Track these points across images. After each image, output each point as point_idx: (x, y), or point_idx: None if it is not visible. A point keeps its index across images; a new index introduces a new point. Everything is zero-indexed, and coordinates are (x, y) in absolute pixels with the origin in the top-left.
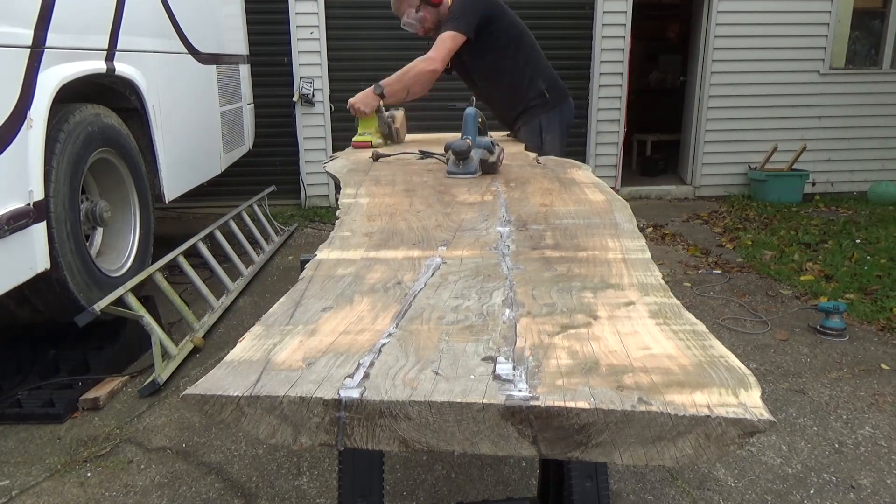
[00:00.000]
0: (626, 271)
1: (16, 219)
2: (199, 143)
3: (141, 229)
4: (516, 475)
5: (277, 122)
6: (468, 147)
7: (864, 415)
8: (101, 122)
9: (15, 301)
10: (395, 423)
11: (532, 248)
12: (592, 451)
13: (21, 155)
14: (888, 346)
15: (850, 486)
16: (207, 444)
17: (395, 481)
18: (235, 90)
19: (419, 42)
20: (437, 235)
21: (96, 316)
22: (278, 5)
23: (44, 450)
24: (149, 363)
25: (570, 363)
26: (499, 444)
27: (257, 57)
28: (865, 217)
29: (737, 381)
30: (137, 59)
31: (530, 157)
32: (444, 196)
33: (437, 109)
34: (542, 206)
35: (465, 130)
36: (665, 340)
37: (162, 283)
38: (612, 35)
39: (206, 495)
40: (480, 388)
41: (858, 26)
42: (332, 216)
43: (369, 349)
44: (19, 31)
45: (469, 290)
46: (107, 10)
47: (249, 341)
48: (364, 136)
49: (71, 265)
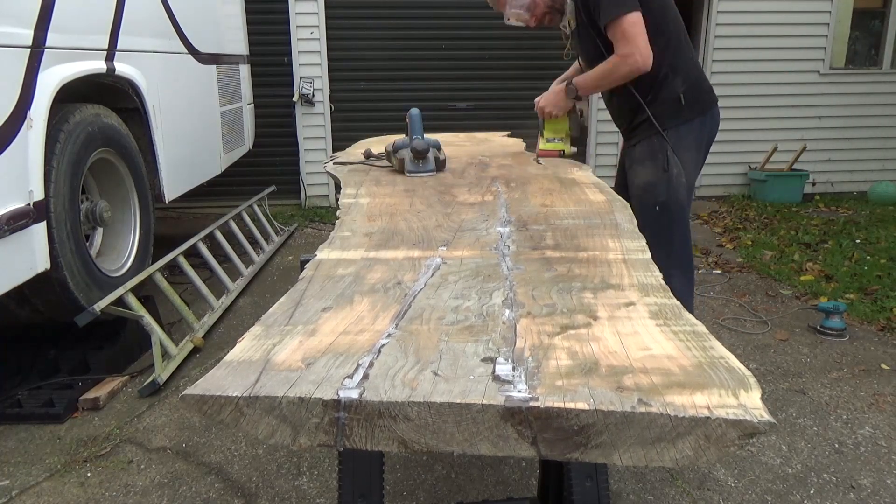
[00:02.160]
0: (626, 272)
1: (16, 219)
2: (199, 143)
3: (141, 229)
4: (516, 475)
5: (277, 122)
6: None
7: (864, 415)
8: (101, 122)
9: (15, 301)
10: (395, 423)
11: (532, 249)
12: (592, 452)
13: (21, 155)
14: (888, 346)
15: (850, 486)
16: (207, 444)
17: (395, 481)
18: (235, 90)
19: (420, 42)
20: (438, 236)
21: (96, 316)
22: (278, 5)
23: (44, 450)
24: (149, 363)
25: (569, 364)
26: (498, 445)
27: (257, 57)
28: (865, 217)
29: (737, 383)
30: (137, 59)
31: (531, 157)
32: (444, 196)
33: (437, 109)
34: (542, 207)
35: (413, 130)
36: (665, 341)
37: (162, 283)
38: None
39: (206, 495)
40: (480, 388)
41: (858, 26)
42: (332, 216)
43: (369, 349)
44: (19, 31)
45: (469, 291)
46: (107, 10)
47: (249, 341)
48: (553, 142)
49: (71, 265)
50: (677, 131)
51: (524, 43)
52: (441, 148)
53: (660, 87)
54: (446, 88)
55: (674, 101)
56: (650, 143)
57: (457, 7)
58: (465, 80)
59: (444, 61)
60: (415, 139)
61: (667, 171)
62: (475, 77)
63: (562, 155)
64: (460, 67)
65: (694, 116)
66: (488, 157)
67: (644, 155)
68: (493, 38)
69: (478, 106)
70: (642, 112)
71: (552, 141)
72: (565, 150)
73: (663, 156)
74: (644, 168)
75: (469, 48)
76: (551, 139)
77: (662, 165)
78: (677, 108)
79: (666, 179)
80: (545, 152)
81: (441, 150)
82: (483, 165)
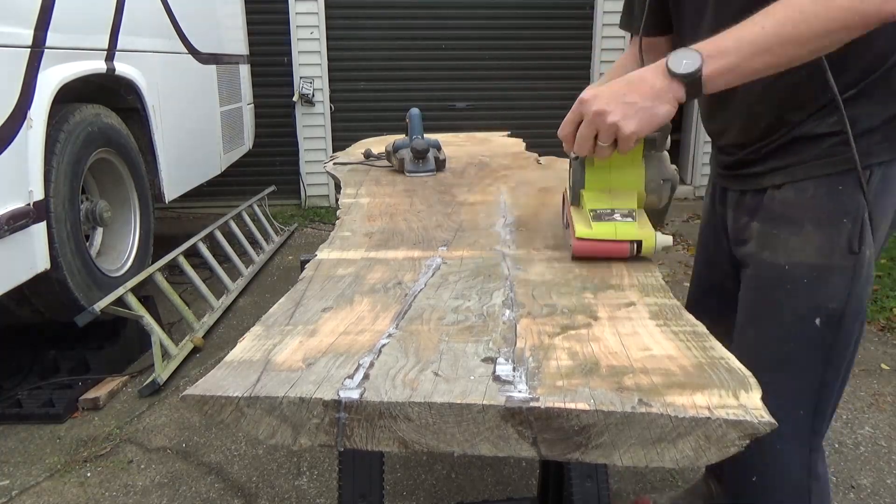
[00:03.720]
0: (626, 272)
1: (16, 219)
2: (199, 143)
3: (141, 229)
4: (516, 475)
5: (277, 122)
6: (427, 146)
7: (864, 415)
8: (101, 122)
9: (15, 301)
10: (395, 424)
11: (532, 249)
12: (592, 453)
13: (21, 155)
14: (888, 346)
15: (850, 486)
16: (207, 444)
17: (395, 481)
18: (235, 90)
19: (420, 42)
20: (438, 235)
21: (96, 316)
22: (278, 5)
23: (44, 450)
24: (149, 363)
25: (570, 364)
26: (499, 446)
27: (257, 57)
28: None
29: (737, 383)
30: (137, 59)
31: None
32: (444, 196)
33: (437, 109)
34: (542, 206)
35: (412, 130)
36: (665, 341)
37: (162, 283)
38: (612, 35)
39: (206, 495)
40: (480, 389)
41: None
42: (332, 216)
43: (369, 350)
44: (19, 31)
45: (469, 291)
46: (107, 10)
47: (249, 341)
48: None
49: (71, 265)
50: (887, 170)
51: (524, 43)
52: (441, 148)
53: (883, 77)
54: (446, 88)
55: (879, 118)
56: (827, 188)
57: (457, 7)
58: (465, 80)
59: (444, 61)
60: (415, 139)
61: (857, 252)
62: (475, 77)
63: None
64: (460, 67)
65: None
66: (488, 157)
67: (807, 210)
68: (493, 38)
69: (478, 106)
70: (824, 116)
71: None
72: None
73: (854, 220)
74: (804, 237)
75: (469, 48)
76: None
77: (849, 239)
78: (885, 131)
79: (852, 268)
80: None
81: (441, 150)
82: (483, 165)
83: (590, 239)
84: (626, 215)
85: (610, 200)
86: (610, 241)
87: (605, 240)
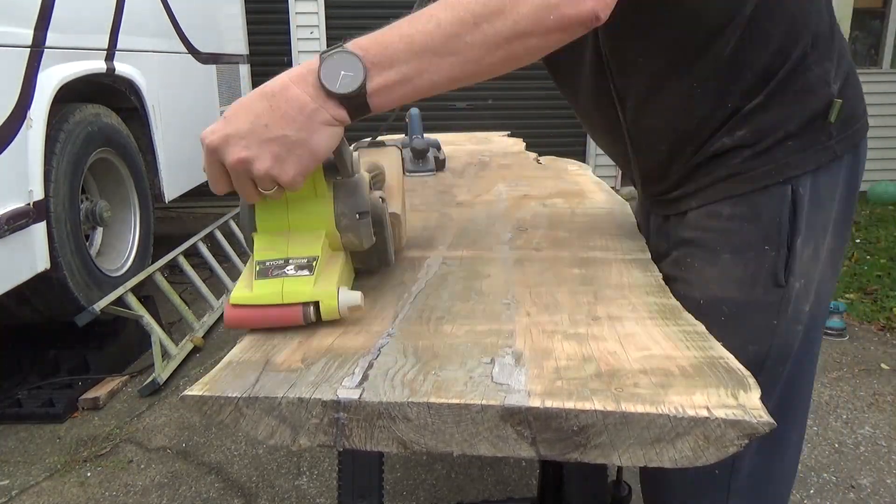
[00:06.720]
0: (626, 271)
1: (16, 219)
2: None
3: (141, 229)
4: (516, 475)
5: None
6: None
7: (864, 415)
8: (101, 122)
9: (15, 301)
10: (394, 424)
11: (532, 249)
12: (591, 453)
13: (21, 155)
14: (888, 346)
15: (850, 486)
16: (207, 444)
17: (395, 481)
18: (235, 90)
19: None
20: (438, 235)
21: (96, 316)
22: (278, 5)
23: (44, 450)
24: (149, 363)
25: (568, 364)
26: (497, 446)
27: (257, 57)
28: (865, 217)
29: (736, 383)
30: (137, 59)
31: (530, 157)
32: (444, 196)
33: (437, 109)
34: (542, 207)
35: (412, 130)
36: (664, 341)
37: (162, 283)
38: None
39: (206, 495)
40: (479, 389)
41: (858, 26)
42: None
43: (368, 350)
44: (19, 30)
45: (469, 291)
46: (107, 10)
47: (249, 341)
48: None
49: (71, 265)
50: (814, 182)
51: None
52: (441, 148)
53: (790, 76)
54: None
55: (815, 113)
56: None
57: None
58: None
59: None
60: (414, 139)
61: (783, 284)
62: None
63: (312, 319)
64: None
65: (842, 151)
66: (488, 156)
67: (722, 234)
68: None
69: (478, 106)
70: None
71: (278, 270)
72: (318, 297)
73: (779, 246)
74: (721, 267)
75: None
76: (276, 267)
77: (773, 269)
78: (819, 129)
79: (777, 304)
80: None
81: (441, 149)
82: (483, 165)
83: (246, 305)
84: (302, 267)
85: (286, 248)
86: (275, 307)
87: (269, 304)
